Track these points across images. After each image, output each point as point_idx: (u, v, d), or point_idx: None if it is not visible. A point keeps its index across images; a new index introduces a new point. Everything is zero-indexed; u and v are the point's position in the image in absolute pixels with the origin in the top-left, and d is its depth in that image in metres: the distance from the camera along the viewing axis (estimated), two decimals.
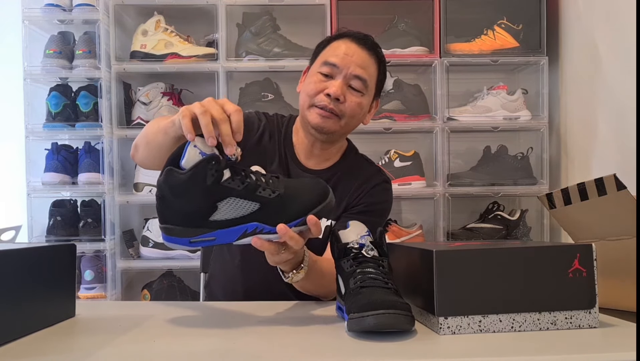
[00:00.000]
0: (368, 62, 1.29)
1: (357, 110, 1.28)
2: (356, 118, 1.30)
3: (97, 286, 2.25)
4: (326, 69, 1.27)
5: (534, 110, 2.31)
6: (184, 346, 0.82)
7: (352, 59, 1.26)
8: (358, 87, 1.27)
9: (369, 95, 1.31)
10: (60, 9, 2.26)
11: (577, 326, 0.88)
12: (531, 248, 0.90)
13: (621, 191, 1.11)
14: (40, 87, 2.32)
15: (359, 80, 1.27)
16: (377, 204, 1.34)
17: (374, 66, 1.31)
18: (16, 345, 0.83)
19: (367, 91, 1.29)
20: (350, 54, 1.27)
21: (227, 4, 2.27)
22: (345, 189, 1.33)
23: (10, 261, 0.85)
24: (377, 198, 1.34)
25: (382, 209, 1.35)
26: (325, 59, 1.28)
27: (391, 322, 0.81)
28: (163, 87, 2.32)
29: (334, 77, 1.26)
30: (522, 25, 2.31)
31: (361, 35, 1.31)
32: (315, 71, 1.29)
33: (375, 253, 0.94)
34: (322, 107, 1.25)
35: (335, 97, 1.24)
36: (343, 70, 1.26)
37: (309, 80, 1.30)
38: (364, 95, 1.28)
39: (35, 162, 2.27)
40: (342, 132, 1.31)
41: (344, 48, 1.28)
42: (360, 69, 1.26)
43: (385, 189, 1.38)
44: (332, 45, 1.31)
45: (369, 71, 1.28)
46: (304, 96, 1.30)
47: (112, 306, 1.51)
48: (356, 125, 1.33)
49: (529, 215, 2.35)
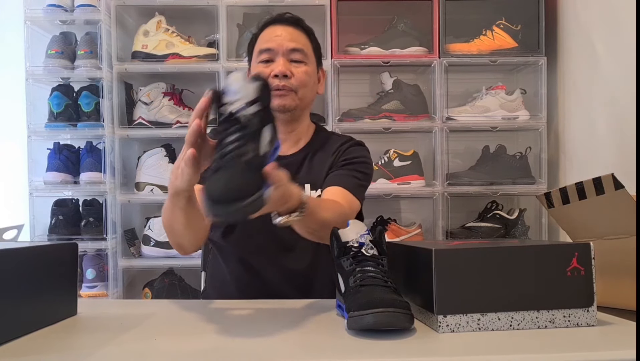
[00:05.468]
0: (297, 35, 1.38)
1: (306, 79, 1.36)
2: (309, 88, 1.38)
3: (98, 284, 2.26)
4: (264, 56, 1.35)
5: (533, 110, 2.32)
6: (185, 345, 0.83)
7: (283, 37, 1.36)
8: (298, 58, 1.35)
9: (311, 63, 1.39)
10: (62, 9, 2.27)
11: (575, 325, 0.89)
12: (529, 247, 0.91)
13: (619, 190, 1.12)
14: (42, 87, 2.33)
15: (296, 52, 1.35)
16: (356, 158, 1.38)
17: (304, 36, 1.39)
18: (18, 343, 0.83)
19: (308, 59, 1.37)
20: (280, 34, 1.36)
21: (227, 4, 2.28)
22: (322, 159, 1.39)
23: (12, 260, 0.86)
24: (355, 153, 1.39)
25: (362, 162, 1.38)
26: (259, 48, 1.37)
27: (390, 320, 0.82)
28: (164, 87, 2.33)
29: (274, 60, 1.34)
30: (520, 26, 2.31)
31: (281, 17, 1.40)
32: (256, 63, 1.38)
33: (374, 251, 0.94)
34: (275, 88, 1.31)
35: (283, 74, 1.32)
36: (279, 49, 1.34)
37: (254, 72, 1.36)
38: (306, 64, 1.37)
39: (38, 162, 2.28)
40: (302, 105, 1.37)
41: (272, 32, 1.37)
42: (294, 42, 1.36)
43: (361, 148, 1.43)
44: (261, 37, 1.39)
45: (301, 41, 1.37)
46: None
47: (113, 305, 1.52)
48: (313, 96, 1.41)
49: (528, 214, 2.36)
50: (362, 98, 2.45)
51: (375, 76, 2.45)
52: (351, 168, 1.34)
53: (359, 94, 2.47)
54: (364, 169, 1.37)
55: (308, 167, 1.37)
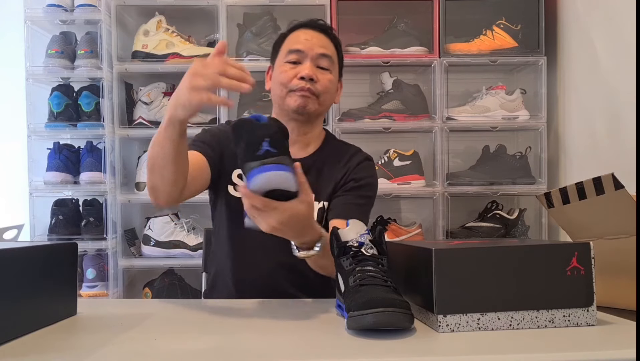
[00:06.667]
0: (327, 42, 1.39)
1: (329, 86, 1.37)
2: (330, 95, 1.39)
3: (98, 284, 2.26)
4: (293, 57, 1.36)
5: (533, 110, 2.32)
6: (185, 344, 0.83)
7: (313, 42, 1.36)
8: (325, 64, 1.37)
9: (335, 72, 1.41)
10: (62, 9, 2.27)
11: (575, 324, 0.89)
12: (529, 247, 0.91)
13: (619, 190, 1.12)
14: (43, 87, 2.33)
15: (324, 58, 1.36)
16: (364, 179, 1.40)
17: (332, 45, 1.41)
18: (18, 343, 0.83)
19: (333, 67, 1.39)
20: (310, 38, 1.37)
21: (227, 4, 2.28)
22: (331, 171, 1.40)
23: (12, 260, 0.86)
24: (364, 173, 1.41)
25: (370, 183, 1.42)
26: (289, 48, 1.37)
27: (390, 320, 0.82)
28: (164, 87, 2.33)
29: (302, 62, 1.35)
30: (520, 26, 2.31)
31: (314, 22, 1.42)
32: (282, 62, 1.38)
33: (374, 251, 0.94)
34: (299, 89, 1.33)
35: (309, 77, 1.33)
36: (308, 53, 1.35)
37: (279, 71, 1.37)
38: (331, 72, 1.38)
39: (38, 162, 2.28)
40: (320, 110, 1.39)
41: (303, 35, 1.38)
42: (323, 48, 1.37)
43: (369, 165, 1.45)
44: (290, 37, 1.40)
45: (330, 49, 1.39)
46: (278, 86, 1.37)
47: (113, 305, 1.52)
48: (329, 104, 1.42)
49: (528, 214, 2.36)
50: (362, 98, 2.45)
51: (375, 76, 2.45)
52: (358, 195, 1.37)
53: (359, 94, 2.47)
54: (370, 193, 1.41)
55: (315, 177, 1.37)
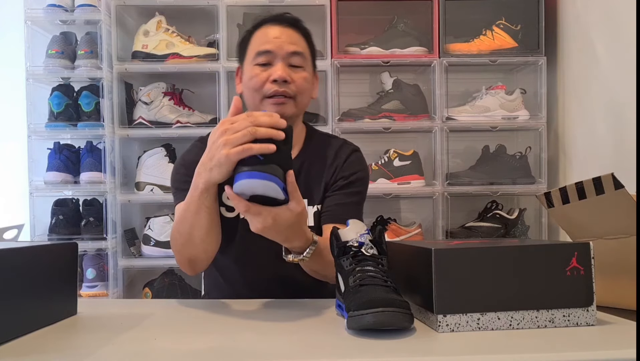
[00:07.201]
0: (297, 37, 1.30)
1: (304, 85, 1.29)
2: (306, 94, 1.32)
3: (98, 284, 2.26)
4: (262, 59, 1.27)
5: (533, 110, 2.32)
6: (185, 344, 0.83)
7: (282, 39, 1.27)
8: (298, 62, 1.28)
9: (309, 67, 1.32)
10: (62, 9, 2.27)
11: (575, 324, 0.89)
12: (529, 247, 0.91)
13: (619, 190, 1.12)
14: (43, 87, 2.33)
15: (296, 55, 1.28)
16: (354, 174, 1.34)
17: (302, 39, 1.32)
18: (18, 343, 0.83)
19: (306, 63, 1.31)
20: (279, 35, 1.28)
21: (227, 4, 2.28)
22: (320, 171, 1.35)
23: (12, 260, 0.86)
24: (352, 168, 1.35)
25: (360, 177, 1.36)
26: (257, 49, 1.28)
27: (390, 320, 0.82)
28: (164, 87, 2.33)
29: (272, 63, 1.27)
30: (520, 26, 2.31)
31: (280, 17, 1.32)
32: (251, 64, 1.29)
33: (374, 251, 0.94)
34: (273, 95, 1.26)
35: (283, 79, 1.25)
36: (278, 52, 1.26)
37: (249, 76, 1.29)
38: (305, 69, 1.30)
39: (38, 162, 2.28)
40: (298, 112, 1.32)
41: (271, 32, 1.28)
42: (294, 45, 1.28)
43: (357, 158, 1.39)
44: (257, 35, 1.31)
45: (301, 45, 1.30)
46: (251, 92, 1.29)
47: (113, 305, 1.51)
48: (307, 102, 1.34)
49: (528, 214, 2.36)
50: (362, 98, 2.45)
51: (375, 76, 2.45)
52: (349, 192, 1.32)
53: (359, 94, 2.47)
54: (361, 188, 1.36)
55: (305, 181, 1.32)
